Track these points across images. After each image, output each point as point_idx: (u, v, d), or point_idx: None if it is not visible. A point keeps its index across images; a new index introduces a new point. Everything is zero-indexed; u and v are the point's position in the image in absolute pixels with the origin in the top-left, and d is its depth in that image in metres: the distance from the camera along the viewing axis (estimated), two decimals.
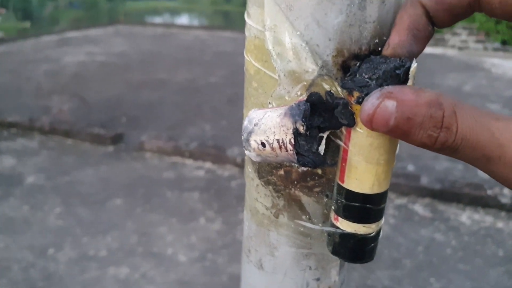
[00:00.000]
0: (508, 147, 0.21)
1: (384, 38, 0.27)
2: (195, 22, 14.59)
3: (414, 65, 0.25)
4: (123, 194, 2.60)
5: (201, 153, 3.09)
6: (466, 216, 2.44)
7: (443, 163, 3.02)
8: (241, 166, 2.94)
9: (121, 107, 4.13)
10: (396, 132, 0.23)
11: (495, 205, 2.50)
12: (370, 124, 0.23)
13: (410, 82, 0.24)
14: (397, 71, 0.24)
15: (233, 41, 7.86)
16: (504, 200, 2.48)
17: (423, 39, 0.26)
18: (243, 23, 0.30)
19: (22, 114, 3.71)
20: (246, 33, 0.30)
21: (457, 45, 8.04)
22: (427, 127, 0.22)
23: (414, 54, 0.25)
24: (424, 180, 2.67)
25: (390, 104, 0.22)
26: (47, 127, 3.47)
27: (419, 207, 2.52)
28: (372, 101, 0.23)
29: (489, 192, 2.53)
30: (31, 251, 2.06)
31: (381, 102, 0.23)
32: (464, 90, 5.06)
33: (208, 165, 3.02)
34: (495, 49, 7.89)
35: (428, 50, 7.46)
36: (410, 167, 2.94)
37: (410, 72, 0.24)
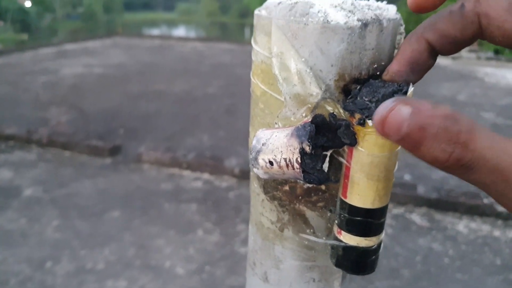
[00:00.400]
0: None
1: (382, 63, 0.29)
2: (192, 34, 14.69)
3: (411, 89, 0.26)
4: (120, 206, 2.61)
5: (199, 164, 3.10)
6: (463, 225, 2.46)
7: (439, 172, 3.04)
8: (238, 177, 2.96)
9: (119, 119, 4.14)
10: (407, 141, 0.21)
11: (491, 213, 2.52)
12: (382, 128, 0.22)
13: None
14: (395, 95, 0.26)
15: (230, 52, 7.92)
16: (501, 209, 2.50)
17: (421, 71, 0.27)
18: (239, 34, 0.32)
19: (20, 126, 3.72)
20: (253, 57, 0.32)
21: None
22: (441, 139, 0.21)
23: (411, 82, 0.27)
24: (421, 190, 2.69)
25: (405, 110, 0.21)
26: (45, 139, 3.48)
27: (416, 217, 2.54)
28: (387, 104, 0.22)
29: (485, 200, 2.56)
30: (28, 264, 2.06)
31: (396, 106, 0.22)
32: (459, 99, 5.11)
33: (205, 176, 3.03)
34: (488, 59, 7.98)
35: None
36: (407, 177, 2.96)
37: (408, 95, 0.26)
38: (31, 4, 15.39)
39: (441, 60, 7.72)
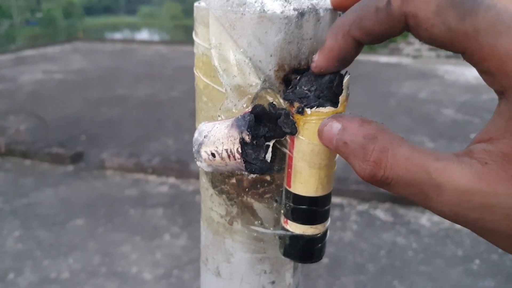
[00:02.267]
0: (445, 187, 0.21)
1: None
2: (155, 37, 14.53)
3: (347, 77, 0.27)
4: (84, 214, 2.54)
5: (164, 169, 3.07)
6: (425, 219, 2.52)
7: None
8: None
9: (80, 125, 4.05)
10: (339, 152, 0.25)
11: None
12: (320, 140, 0.26)
13: (344, 93, 0.27)
14: (332, 83, 0.27)
15: (193, 55, 7.85)
16: None
17: (348, 63, 0.26)
18: None
19: None
20: (195, 50, 0.32)
21: (411, 53, 8.34)
22: (358, 157, 0.23)
23: (341, 72, 0.27)
24: None
25: (335, 126, 0.25)
26: (3, 148, 3.36)
27: (380, 212, 2.59)
28: (325, 120, 0.26)
29: None
30: None
31: (329, 122, 0.25)
32: (420, 97, 5.25)
33: (171, 180, 2.99)
34: (447, 57, 8.23)
35: (384, 59, 7.71)
36: None
37: (344, 84, 0.27)
38: None
39: (403, 59, 7.92)
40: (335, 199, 2.66)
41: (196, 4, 0.31)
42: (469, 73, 6.64)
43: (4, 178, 3.01)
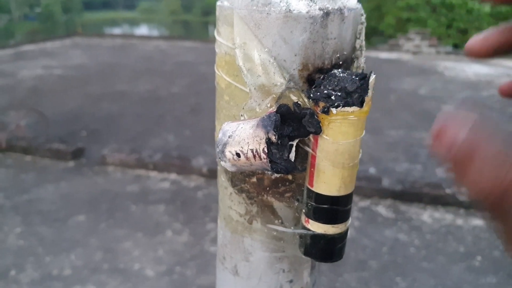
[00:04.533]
0: None
1: (344, 52, 0.29)
2: (155, 32, 14.50)
3: (372, 77, 0.27)
4: (85, 210, 2.54)
5: (166, 165, 3.06)
6: (427, 215, 2.53)
7: (402, 165, 3.12)
8: (206, 176, 2.94)
9: (80, 121, 4.04)
10: (459, 156, 0.19)
11: (454, 203, 2.60)
12: (436, 135, 0.20)
13: (369, 93, 0.27)
14: (356, 84, 0.27)
15: (193, 51, 7.85)
16: (463, 198, 2.58)
17: None
18: (203, 32, 0.32)
19: None
20: (217, 49, 0.32)
21: (411, 50, 8.34)
22: (495, 163, 0.18)
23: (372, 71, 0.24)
24: (386, 182, 2.75)
25: (467, 120, 0.19)
26: (3, 144, 3.35)
27: (382, 209, 2.59)
28: (450, 111, 0.20)
29: (447, 190, 2.64)
30: None
31: (461, 108, 0.20)
32: (420, 93, 5.25)
33: (173, 176, 2.99)
34: (447, 53, 8.23)
35: (383, 55, 7.70)
36: (372, 170, 3.02)
37: (370, 83, 0.27)
38: None
39: (402, 55, 7.92)
40: None
41: (218, 3, 0.31)
42: (469, 70, 6.64)
43: (5, 174, 3.01)
